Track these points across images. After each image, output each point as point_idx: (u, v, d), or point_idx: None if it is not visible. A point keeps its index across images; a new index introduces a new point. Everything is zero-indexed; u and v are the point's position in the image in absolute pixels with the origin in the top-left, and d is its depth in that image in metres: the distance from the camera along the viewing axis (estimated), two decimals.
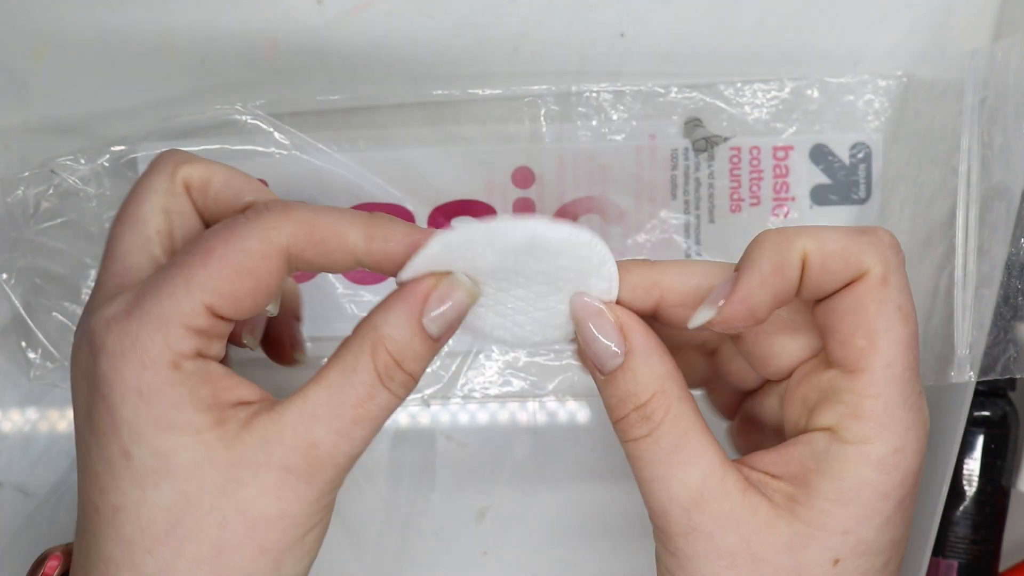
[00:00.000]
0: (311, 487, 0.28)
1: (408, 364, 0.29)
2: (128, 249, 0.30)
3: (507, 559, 0.45)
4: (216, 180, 0.31)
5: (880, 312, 0.28)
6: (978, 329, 0.38)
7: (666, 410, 0.28)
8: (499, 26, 0.43)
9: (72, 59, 0.43)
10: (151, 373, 0.27)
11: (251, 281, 0.28)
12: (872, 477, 0.28)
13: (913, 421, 0.28)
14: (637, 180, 0.43)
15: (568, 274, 0.30)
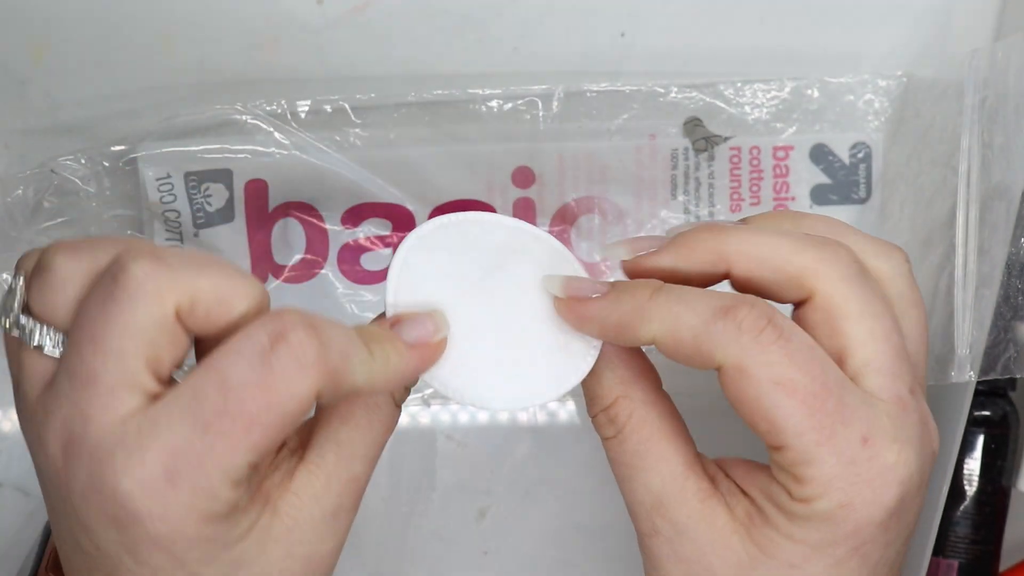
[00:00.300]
0: (350, 515, 0.32)
1: (400, 397, 0.31)
2: (113, 383, 0.25)
3: (507, 559, 0.45)
4: (205, 299, 0.26)
5: (759, 395, 0.27)
6: (978, 329, 0.38)
7: (628, 415, 0.29)
8: (499, 26, 0.43)
9: (72, 59, 0.43)
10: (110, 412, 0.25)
11: (286, 431, 0.26)
12: (819, 526, 0.27)
13: (859, 474, 0.27)
14: (637, 180, 0.43)
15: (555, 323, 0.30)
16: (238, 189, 0.42)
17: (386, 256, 0.44)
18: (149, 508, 0.25)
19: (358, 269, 0.44)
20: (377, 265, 0.44)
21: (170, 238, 0.43)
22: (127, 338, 0.25)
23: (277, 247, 0.43)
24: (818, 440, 0.27)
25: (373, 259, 0.44)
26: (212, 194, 0.42)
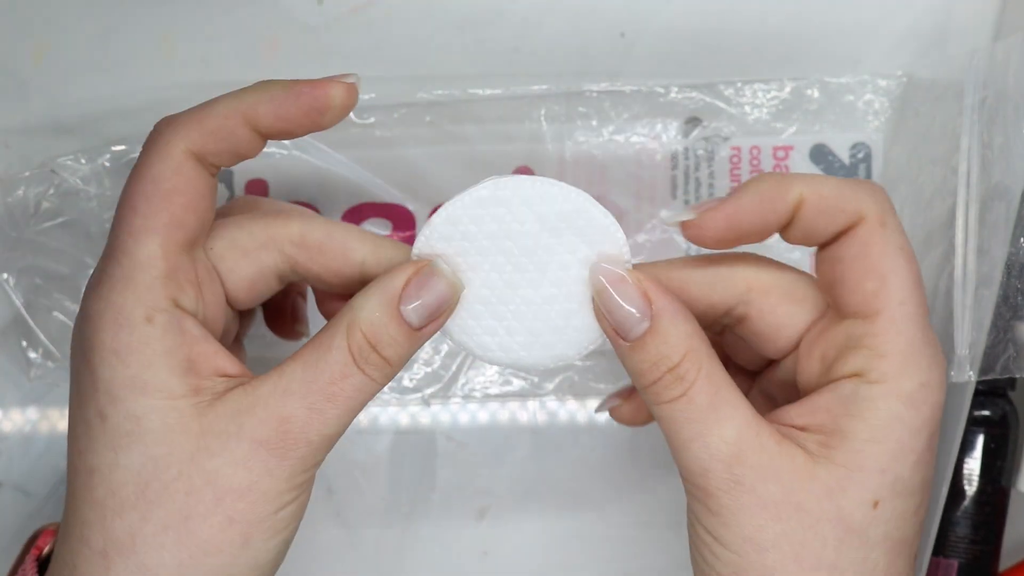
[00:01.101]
0: (282, 462, 0.28)
1: (384, 349, 0.29)
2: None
3: (507, 559, 0.45)
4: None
5: (884, 253, 0.29)
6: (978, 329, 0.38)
7: (698, 368, 0.28)
8: (499, 26, 0.43)
9: (72, 59, 0.43)
10: (126, 332, 0.28)
11: (179, 198, 0.29)
12: (902, 412, 0.28)
13: (934, 356, 0.29)
14: (637, 180, 0.43)
15: (585, 274, 0.30)
16: (238, 189, 0.42)
17: None
18: (85, 306, 0.29)
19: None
20: None
21: None
22: None
23: None
24: (912, 314, 0.28)
25: None
26: None
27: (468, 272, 0.30)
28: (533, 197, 0.29)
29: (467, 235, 0.30)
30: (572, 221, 0.29)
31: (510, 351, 0.31)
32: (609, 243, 0.30)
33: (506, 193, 0.29)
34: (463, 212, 0.29)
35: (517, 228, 0.29)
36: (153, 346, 0.28)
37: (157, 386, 0.28)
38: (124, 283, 0.28)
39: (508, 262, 0.30)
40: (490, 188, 0.29)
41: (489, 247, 0.30)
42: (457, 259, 0.30)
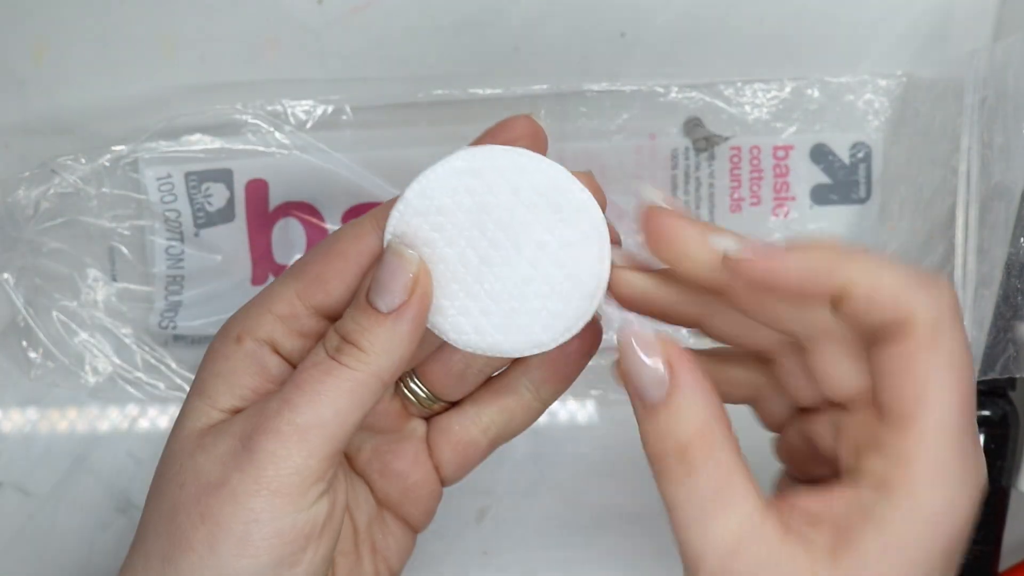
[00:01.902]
0: (252, 456, 0.27)
1: (353, 336, 0.28)
2: None
3: (507, 559, 0.45)
4: None
5: (930, 369, 0.26)
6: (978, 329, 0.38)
7: (708, 454, 0.27)
8: (499, 26, 0.43)
9: (72, 59, 0.43)
10: (219, 342, 0.30)
11: (341, 262, 0.30)
12: (921, 532, 0.26)
13: (968, 473, 0.26)
14: (637, 180, 0.43)
15: (563, 256, 0.29)
16: (238, 189, 0.42)
17: None
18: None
19: None
20: None
21: (170, 238, 0.43)
22: None
23: (277, 247, 0.43)
24: (955, 433, 0.26)
25: None
26: (212, 194, 0.42)
27: (444, 249, 0.29)
28: (508, 168, 0.28)
29: (442, 209, 0.29)
30: (549, 196, 0.29)
31: (485, 334, 0.29)
32: (587, 223, 0.29)
33: (480, 164, 0.29)
34: (437, 184, 0.29)
35: (492, 200, 0.29)
36: (226, 363, 0.30)
37: (208, 393, 0.30)
38: (249, 308, 0.31)
39: (484, 237, 0.29)
40: (464, 158, 0.29)
41: (464, 221, 0.29)
42: (432, 235, 0.29)
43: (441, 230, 0.29)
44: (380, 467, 0.33)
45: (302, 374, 0.28)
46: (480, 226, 0.29)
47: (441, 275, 0.29)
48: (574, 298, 0.29)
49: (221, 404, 0.30)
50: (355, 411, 0.28)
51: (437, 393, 0.33)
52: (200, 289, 0.43)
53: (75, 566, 0.45)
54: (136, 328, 0.43)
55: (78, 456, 0.44)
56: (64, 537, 0.45)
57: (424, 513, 0.34)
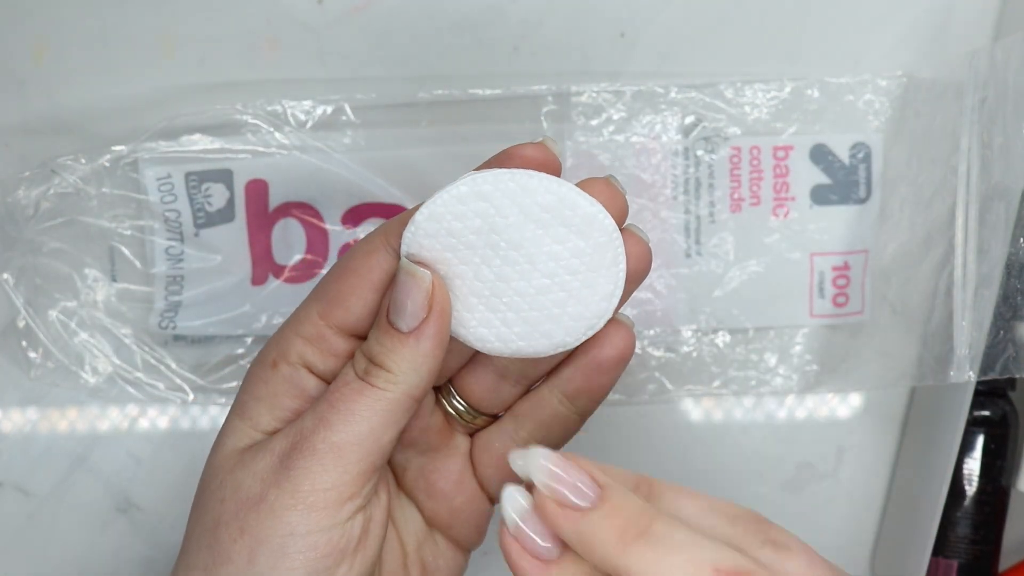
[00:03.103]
0: (288, 472, 0.28)
1: (379, 358, 0.29)
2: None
3: None
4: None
5: None
6: (978, 329, 0.38)
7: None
8: (499, 26, 0.43)
9: (72, 59, 0.43)
10: (257, 367, 0.31)
11: (355, 278, 0.30)
12: None
13: None
14: (637, 180, 0.43)
15: (576, 264, 0.29)
16: (238, 189, 0.42)
17: None
18: None
19: None
20: None
21: (170, 238, 0.43)
22: None
23: (277, 247, 0.43)
24: None
25: None
26: (212, 194, 0.42)
27: (459, 266, 0.30)
28: (514, 191, 0.29)
29: (452, 231, 0.29)
30: (557, 212, 0.29)
31: (508, 342, 0.30)
32: (598, 231, 0.29)
33: (486, 188, 0.29)
34: (444, 210, 0.29)
35: (502, 222, 0.29)
36: (265, 386, 0.31)
37: (249, 414, 0.31)
38: (281, 333, 0.31)
39: (497, 255, 0.29)
40: (469, 184, 0.29)
41: (476, 242, 0.29)
42: (446, 255, 0.29)
43: (454, 250, 0.29)
44: (426, 486, 0.34)
45: (335, 393, 0.29)
46: (492, 245, 0.29)
47: (459, 290, 0.30)
48: (592, 301, 0.30)
49: (263, 426, 0.31)
50: (389, 429, 0.29)
51: (476, 406, 0.33)
52: (200, 289, 0.43)
53: (75, 566, 0.45)
54: (136, 328, 0.43)
55: (78, 456, 0.44)
56: (64, 537, 0.45)
57: (474, 532, 0.34)
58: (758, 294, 0.44)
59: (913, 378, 0.43)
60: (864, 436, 0.45)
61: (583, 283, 0.30)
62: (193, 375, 0.43)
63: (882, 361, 0.44)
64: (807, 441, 0.45)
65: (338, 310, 0.30)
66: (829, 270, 0.44)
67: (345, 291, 0.30)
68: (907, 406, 0.45)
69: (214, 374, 0.43)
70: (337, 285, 0.30)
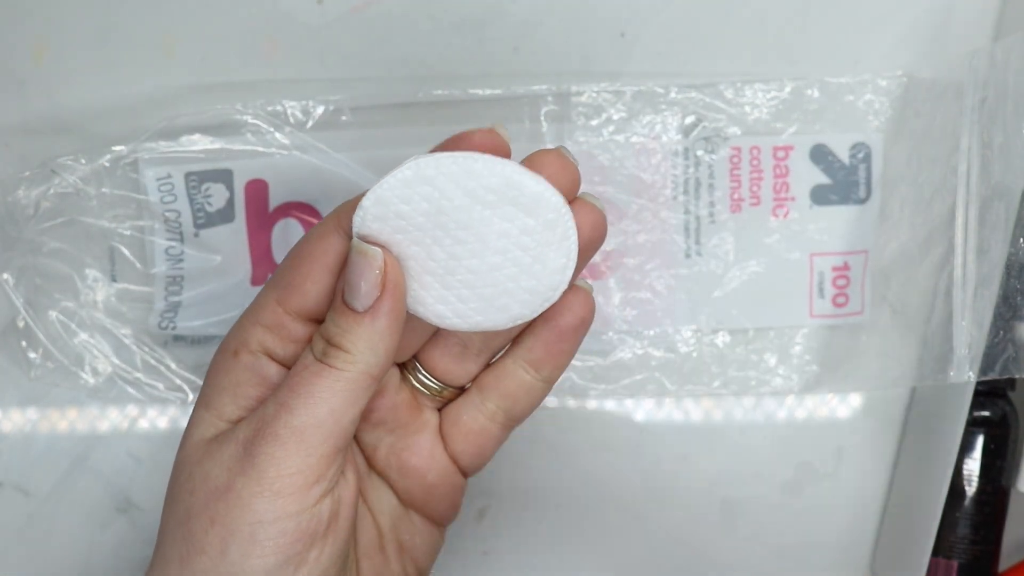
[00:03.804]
0: (253, 460, 0.29)
1: (336, 338, 0.29)
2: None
3: (507, 559, 0.45)
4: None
5: None
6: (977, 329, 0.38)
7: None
8: (499, 26, 0.43)
9: (72, 59, 0.43)
10: (219, 357, 0.31)
11: (309, 264, 0.30)
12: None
13: None
14: (637, 180, 0.43)
15: (527, 240, 0.29)
16: (238, 189, 0.42)
17: None
18: None
19: None
20: None
21: (170, 238, 0.43)
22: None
23: (277, 247, 0.43)
24: None
25: None
26: (212, 194, 0.42)
27: (411, 247, 0.30)
28: (458, 174, 0.29)
29: (400, 214, 0.29)
30: (503, 193, 0.29)
31: (466, 317, 0.30)
32: (546, 208, 0.29)
33: (429, 172, 0.29)
34: (391, 194, 0.29)
35: (448, 204, 0.29)
36: (228, 376, 0.31)
37: (214, 405, 0.31)
38: (240, 322, 0.31)
39: (447, 236, 0.29)
40: (412, 168, 0.29)
41: (425, 223, 0.29)
42: (396, 236, 0.29)
43: (404, 232, 0.30)
44: (398, 464, 0.34)
45: (294, 378, 0.29)
46: (441, 226, 0.29)
47: (412, 270, 0.30)
48: (545, 275, 0.30)
49: (227, 415, 0.31)
50: (349, 409, 0.29)
51: (442, 378, 0.34)
52: (200, 289, 0.43)
53: (75, 566, 0.45)
54: (136, 328, 0.43)
55: (78, 456, 0.44)
56: (64, 537, 0.45)
57: (449, 507, 0.35)
58: (758, 294, 0.44)
59: (913, 378, 0.43)
60: (864, 436, 0.45)
61: (535, 258, 0.30)
62: (193, 375, 0.43)
63: (882, 361, 0.44)
64: (807, 442, 0.45)
65: (295, 296, 0.30)
66: (829, 270, 0.44)
67: (300, 277, 0.30)
68: (907, 406, 0.45)
69: None
70: (292, 271, 0.30)
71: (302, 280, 0.30)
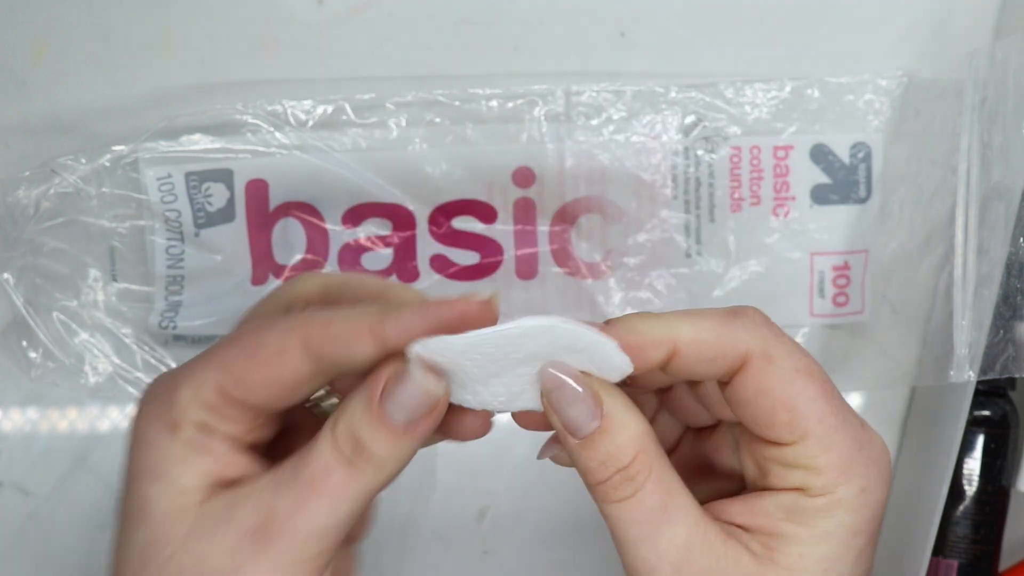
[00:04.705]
0: (266, 550, 0.28)
1: (372, 446, 0.28)
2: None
3: (507, 559, 0.45)
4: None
5: (784, 383, 0.28)
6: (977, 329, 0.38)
7: (649, 470, 0.28)
8: (499, 26, 0.43)
9: (72, 59, 0.43)
10: (155, 428, 0.29)
11: (264, 371, 0.28)
12: (844, 518, 0.28)
13: (869, 456, 0.29)
14: (637, 180, 0.43)
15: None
16: (239, 189, 0.42)
17: (386, 256, 0.44)
18: (142, 402, 0.30)
19: (358, 269, 0.44)
20: (377, 265, 0.44)
21: (171, 238, 0.43)
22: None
23: (278, 247, 0.43)
24: (836, 425, 0.28)
25: (373, 259, 0.44)
26: (213, 194, 0.42)
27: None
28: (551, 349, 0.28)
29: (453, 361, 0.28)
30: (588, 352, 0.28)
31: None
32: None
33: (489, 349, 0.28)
34: (454, 349, 0.28)
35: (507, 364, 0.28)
36: (177, 447, 0.29)
37: (170, 476, 0.29)
38: (173, 389, 0.29)
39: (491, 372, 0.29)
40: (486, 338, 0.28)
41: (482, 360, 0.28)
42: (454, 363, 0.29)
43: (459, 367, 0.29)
44: None
45: (316, 475, 0.28)
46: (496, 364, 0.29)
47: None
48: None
49: (188, 487, 0.29)
50: (363, 509, 0.29)
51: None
52: (200, 289, 0.43)
53: (75, 566, 0.45)
54: (136, 328, 0.43)
55: (78, 456, 0.44)
56: (64, 537, 0.45)
57: (365, 524, 0.35)
58: (758, 294, 0.44)
59: (913, 378, 0.43)
60: None
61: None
62: None
63: (882, 361, 0.44)
64: None
65: (240, 392, 0.29)
66: (829, 270, 0.44)
67: (252, 379, 0.29)
68: (907, 406, 0.45)
69: None
70: (244, 368, 0.29)
71: (254, 383, 0.29)
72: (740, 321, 0.28)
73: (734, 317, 0.28)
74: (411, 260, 0.44)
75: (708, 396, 0.31)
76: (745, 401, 0.29)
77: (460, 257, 0.44)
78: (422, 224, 0.43)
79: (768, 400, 0.28)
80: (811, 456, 0.28)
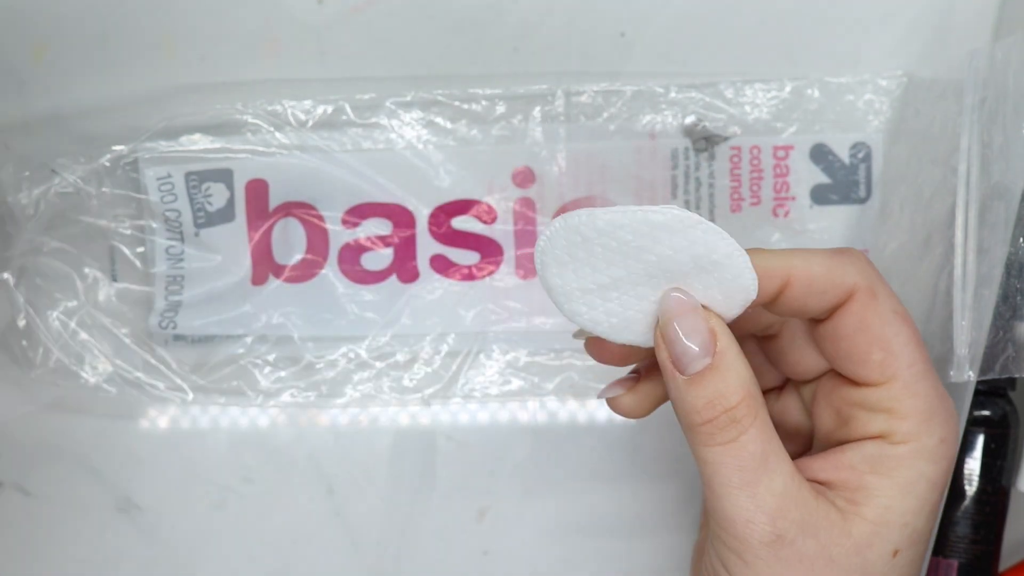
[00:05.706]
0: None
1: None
2: None
3: (507, 559, 0.45)
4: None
5: (883, 322, 0.29)
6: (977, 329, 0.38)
7: (754, 415, 0.28)
8: (499, 26, 0.43)
9: (72, 58, 0.43)
10: None
11: None
12: (926, 469, 0.29)
13: (948, 410, 0.29)
14: (637, 180, 0.43)
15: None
16: (238, 189, 0.42)
17: (386, 256, 0.44)
18: None
19: (358, 269, 0.44)
20: (377, 265, 0.44)
21: (171, 238, 0.43)
22: None
23: (278, 247, 0.43)
24: (923, 372, 0.29)
25: (373, 259, 0.44)
26: (213, 194, 0.42)
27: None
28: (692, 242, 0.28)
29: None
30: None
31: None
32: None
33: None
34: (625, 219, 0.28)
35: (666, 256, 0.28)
36: None
37: None
38: None
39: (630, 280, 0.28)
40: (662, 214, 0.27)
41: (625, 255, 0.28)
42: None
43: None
44: None
45: None
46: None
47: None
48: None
49: None
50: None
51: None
52: (200, 289, 0.43)
53: (75, 566, 0.45)
54: (136, 328, 0.43)
55: (78, 456, 0.44)
56: (64, 537, 0.45)
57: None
58: None
59: None
60: None
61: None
62: (193, 375, 0.43)
63: None
64: None
65: None
66: None
67: None
68: None
69: (214, 374, 0.43)
70: None
71: None
72: (848, 257, 0.29)
73: (841, 254, 0.29)
74: (411, 260, 0.44)
75: (782, 351, 0.32)
76: (843, 336, 0.29)
77: (460, 257, 0.44)
78: (422, 224, 0.43)
79: (866, 337, 0.29)
80: (897, 399, 0.29)
